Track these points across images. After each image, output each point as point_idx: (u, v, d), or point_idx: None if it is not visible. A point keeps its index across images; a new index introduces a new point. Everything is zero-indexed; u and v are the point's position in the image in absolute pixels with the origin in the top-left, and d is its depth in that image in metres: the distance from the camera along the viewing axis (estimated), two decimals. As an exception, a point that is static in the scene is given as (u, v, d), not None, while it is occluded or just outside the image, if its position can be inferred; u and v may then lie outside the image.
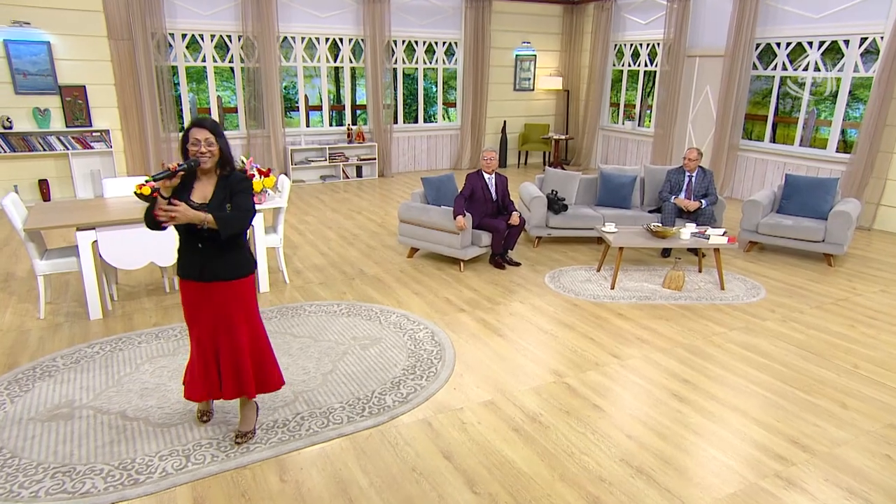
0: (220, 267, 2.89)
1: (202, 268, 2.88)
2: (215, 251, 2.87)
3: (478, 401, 3.51)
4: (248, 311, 3.01)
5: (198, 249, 2.87)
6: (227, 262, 2.90)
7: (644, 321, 4.67)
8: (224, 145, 2.83)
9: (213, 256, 2.87)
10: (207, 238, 2.83)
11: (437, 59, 10.91)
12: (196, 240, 2.85)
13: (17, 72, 7.84)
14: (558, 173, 6.86)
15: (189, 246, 2.88)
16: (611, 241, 5.29)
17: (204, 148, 2.75)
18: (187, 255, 2.90)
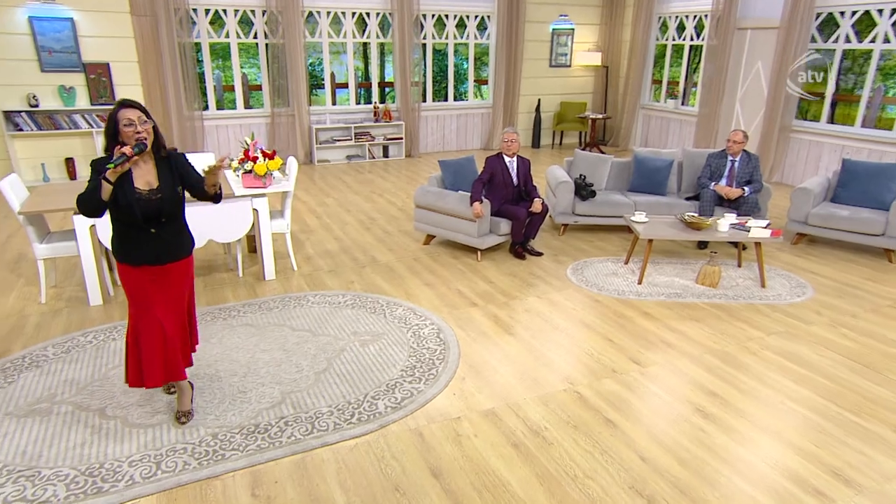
0: (173, 249, 2.91)
1: (158, 252, 2.86)
2: (168, 235, 2.88)
3: (478, 409, 3.21)
4: (190, 287, 3.11)
5: (150, 235, 2.83)
6: (178, 243, 2.94)
7: (672, 322, 4.26)
8: (155, 125, 2.78)
9: (166, 240, 2.87)
10: (163, 223, 2.83)
11: (468, 34, 10.45)
12: (150, 226, 2.81)
13: (42, 49, 7.80)
14: (588, 156, 6.41)
15: (139, 233, 2.81)
16: (639, 231, 4.86)
17: (140, 126, 2.67)
18: (139, 243, 2.82)
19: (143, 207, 2.75)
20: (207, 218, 4.54)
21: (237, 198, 4.59)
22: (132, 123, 2.65)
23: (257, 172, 4.58)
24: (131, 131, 2.65)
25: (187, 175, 2.92)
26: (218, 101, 9.68)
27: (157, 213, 2.79)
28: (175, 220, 2.90)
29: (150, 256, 2.83)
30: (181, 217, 2.96)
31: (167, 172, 2.83)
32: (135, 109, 2.68)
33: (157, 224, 2.81)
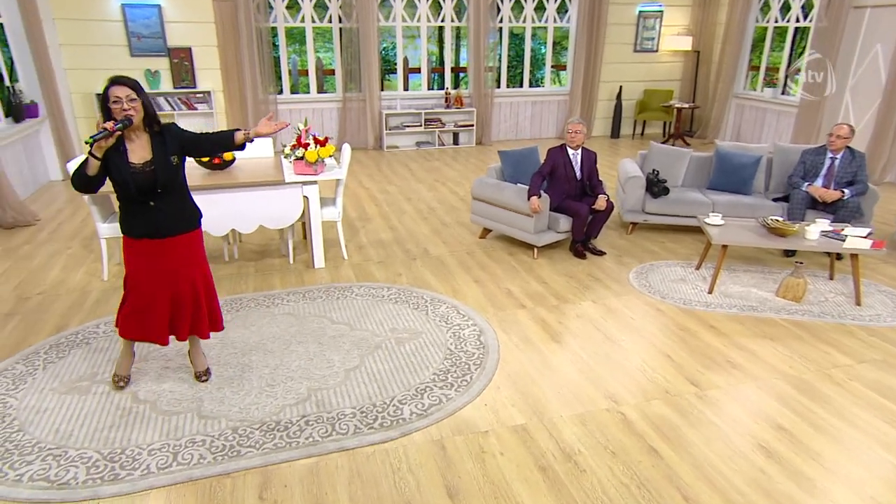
0: (175, 222, 2.98)
1: (157, 226, 2.93)
2: (168, 207, 2.93)
3: (508, 424, 2.98)
4: (201, 259, 3.14)
5: (150, 208, 2.90)
6: (180, 216, 3.00)
7: (741, 339, 3.81)
8: (147, 102, 2.81)
9: (166, 213, 2.93)
10: (160, 195, 2.88)
11: (547, 17, 9.99)
12: (148, 199, 2.87)
13: (132, 35, 8.18)
14: (664, 150, 5.91)
15: (138, 206, 2.89)
16: (712, 235, 4.39)
17: (126, 104, 2.71)
18: (139, 215, 2.91)
19: (138, 180, 2.82)
20: (258, 203, 4.54)
21: (288, 184, 4.55)
22: (119, 101, 2.70)
23: (308, 159, 4.52)
24: (118, 108, 2.70)
25: (185, 140, 2.96)
26: (293, 85, 9.84)
27: (153, 185, 2.85)
28: (173, 192, 2.94)
29: (151, 229, 2.92)
30: (180, 190, 3.00)
31: (161, 146, 2.87)
32: (123, 87, 2.72)
33: (154, 196, 2.88)
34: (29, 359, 3.53)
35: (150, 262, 2.98)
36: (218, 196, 4.42)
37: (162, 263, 2.99)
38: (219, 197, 4.42)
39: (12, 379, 3.34)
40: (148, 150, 2.87)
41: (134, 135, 2.84)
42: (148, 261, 2.98)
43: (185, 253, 3.05)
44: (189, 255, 3.06)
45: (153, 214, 2.91)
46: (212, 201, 4.42)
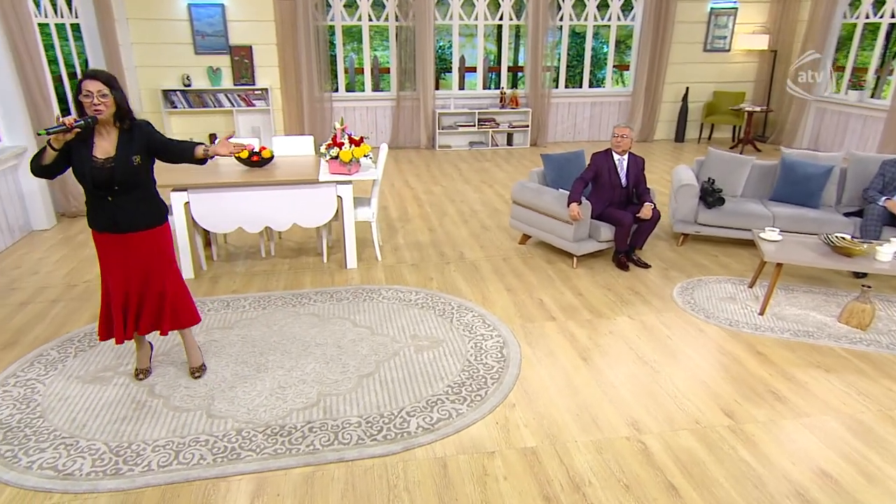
0: (134, 218, 2.96)
1: (116, 220, 2.92)
2: (127, 204, 2.92)
3: (518, 445, 2.81)
4: (165, 256, 3.10)
5: (108, 203, 2.89)
6: (140, 212, 2.97)
7: (792, 368, 3.46)
8: (120, 97, 2.78)
9: (125, 209, 2.92)
10: (117, 191, 2.87)
11: (611, 15, 9.61)
12: (105, 194, 2.87)
13: (197, 33, 8.47)
14: (723, 156, 5.51)
15: (98, 201, 2.89)
16: (765, 252, 4.03)
17: (97, 100, 2.68)
18: (98, 210, 2.92)
19: (96, 175, 2.81)
20: (292, 202, 4.55)
21: (322, 183, 4.53)
22: (90, 95, 2.69)
23: (342, 159, 4.48)
24: (88, 102, 2.69)
25: (153, 143, 2.94)
26: (349, 83, 9.92)
27: (109, 181, 2.83)
28: (133, 189, 2.91)
29: (109, 223, 2.92)
30: (143, 187, 2.96)
31: (126, 144, 2.85)
32: (96, 81, 2.70)
33: (110, 192, 2.86)
34: (63, 345, 3.66)
35: (117, 256, 2.99)
36: (252, 193, 4.46)
37: (126, 258, 3.00)
38: (253, 194, 4.46)
39: (45, 365, 3.46)
40: (113, 146, 2.85)
41: (104, 129, 2.83)
42: (115, 255, 2.99)
43: (143, 248, 3.01)
44: (146, 251, 3.02)
45: (111, 209, 2.90)
46: (246, 198, 4.46)
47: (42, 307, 4.16)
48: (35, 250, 5.21)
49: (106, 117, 2.76)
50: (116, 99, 2.75)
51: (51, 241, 5.45)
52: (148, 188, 3.02)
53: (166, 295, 3.12)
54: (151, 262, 3.05)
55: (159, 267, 3.08)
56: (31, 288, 4.47)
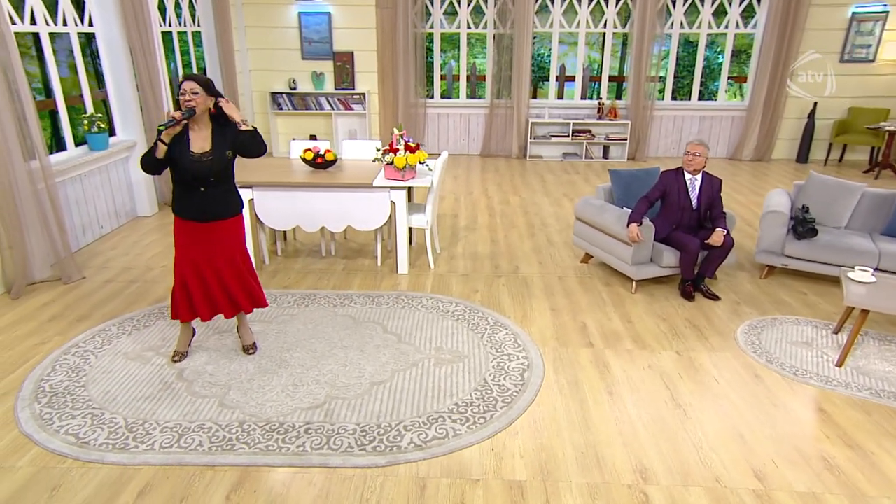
0: (220, 208, 3.27)
1: (204, 209, 3.23)
2: (216, 195, 3.23)
3: (506, 477, 2.65)
4: (240, 243, 3.41)
5: (199, 193, 3.20)
6: (226, 203, 3.28)
7: (859, 434, 2.96)
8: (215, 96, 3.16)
9: (214, 199, 3.23)
10: (212, 183, 3.19)
11: (728, 22, 8.88)
12: (200, 185, 3.17)
13: (304, 40, 8.99)
14: (827, 181, 4.87)
15: (191, 192, 3.20)
16: (848, 294, 3.49)
17: (189, 96, 3.05)
18: (189, 200, 3.21)
19: (195, 168, 3.13)
20: (346, 205, 4.66)
21: (376, 188, 4.60)
22: (185, 93, 3.08)
23: (396, 165, 4.51)
24: (184, 99, 3.07)
25: (236, 140, 3.23)
26: (446, 90, 10.01)
27: (207, 173, 3.16)
28: (223, 182, 3.24)
29: (198, 212, 3.22)
30: (229, 180, 3.30)
31: (221, 139, 3.19)
32: (191, 82, 3.08)
33: (206, 184, 3.18)
34: (123, 323, 4.01)
35: (195, 242, 3.28)
36: (310, 193, 4.62)
37: (205, 245, 3.28)
38: (311, 194, 4.62)
39: (103, 339, 3.81)
40: (209, 141, 3.19)
41: (197, 126, 3.18)
42: (193, 241, 3.28)
43: (226, 236, 3.32)
44: (229, 238, 3.34)
45: (202, 199, 3.21)
46: (304, 198, 4.64)
47: (120, 286, 4.59)
48: (133, 234, 5.78)
49: (199, 113, 3.12)
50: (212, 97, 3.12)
51: (149, 226, 6.02)
52: (232, 181, 3.36)
53: (243, 278, 3.44)
54: (231, 248, 3.36)
55: (235, 251, 3.38)
56: (117, 267, 4.96)
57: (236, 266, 3.39)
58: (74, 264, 4.78)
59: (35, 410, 3.09)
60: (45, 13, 5.02)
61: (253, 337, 3.69)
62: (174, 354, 3.56)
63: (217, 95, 3.17)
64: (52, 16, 5.14)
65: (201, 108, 3.11)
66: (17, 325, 3.98)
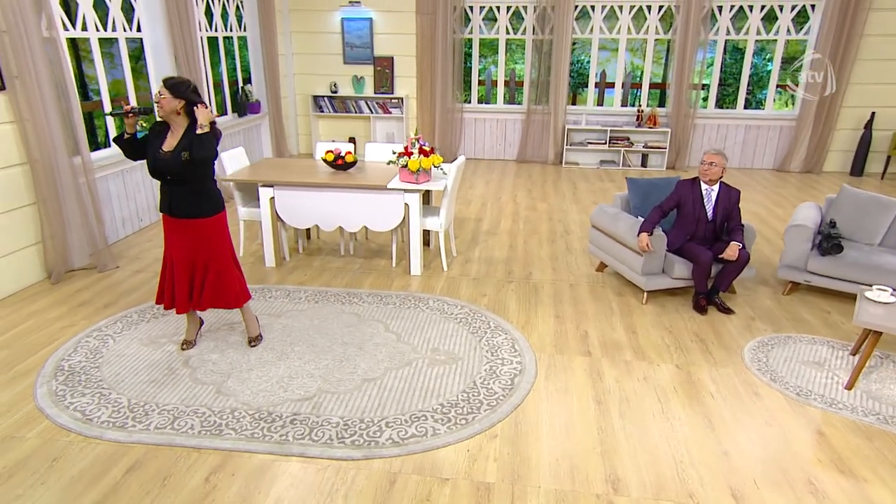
0: (185, 206, 3.37)
1: (171, 206, 3.38)
2: (181, 192, 3.35)
3: (475, 478, 2.67)
4: (217, 243, 3.49)
5: (166, 190, 3.38)
6: (191, 202, 3.37)
7: (855, 460, 2.82)
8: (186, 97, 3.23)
9: (179, 197, 3.36)
10: (171, 181, 3.33)
11: (778, 28, 8.55)
12: (161, 180, 3.36)
13: (347, 45, 9.24)
14: (860, 196, 4.64)
15: (162, 186, 3.39)
16: (860, 313, 3.32)
17: (156, 98, 3.25)
18: (162, 193, 3.41)
19: (157, 164, 3.30)
20: (362, 206, 4.79)
21: (390, 190, 4.70)
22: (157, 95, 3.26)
23: (410, 168, 4.60)
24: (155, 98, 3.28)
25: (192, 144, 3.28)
26: (484, 95, 10.05)
27: (162, 171, 3.30)
28: (185, 181, 3.32)
29: (165, 206, 3.41)
30: (195, 181, 3.35)
31: (185, 140, 3.27)
32: (162, 85, 3.23)
33: (165, 180, 3.34)
34: (144, 311, 4.26)
35: (170, 236, 3.46)
36: (328, 194, 4.77)
37: (180, 240, 3.43)
38: (328, 195, 4.77)
39: (125, 324, 4.06)
40: (177, 142, 3.28)
41: (174, 126, 3.32)
42: (169, 235, 3.46)
43: (199, 236, 3.43)
44: (203, 239, 3.44)
45: (170, 196, 3.37)
46: (322, 198, 4.79)
47: (147, 276, 4.87)
48: (170, 228, 6.09)
49: (165, 114, 3.25)
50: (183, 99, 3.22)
51: (185, 221, 6.32)
52: (201, 182, 3.39)
53: (208, 278, 3.51)
54: (199, 247, 3.45)
55: (205, 253, 3.47)
56: (149, 259, 5.25)
57: (212, 264, 3.48)
58: (110, 254, 5.09)
59: (52, 387, 3.33)
60: (95, 20, 5.38)
61: (258, 329, 3.85)
62: (183, 343, 3.75)
63: (188, 99, 3.23)
64: (102, 22, 5.50)
65: (166, 109, 3.22)
66: (51, 308, 4.29)
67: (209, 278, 3.51)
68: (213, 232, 3.48)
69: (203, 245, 3.46)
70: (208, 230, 3.45)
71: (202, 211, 3.41)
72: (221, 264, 3.54)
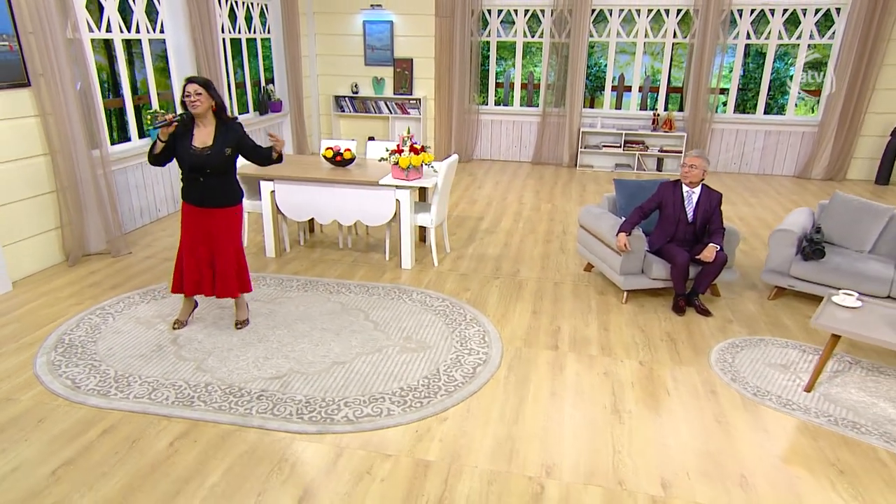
0: (217, 197, 3.67)
1: (202, 197, 3.65)
2: (214, 185, 3.64)
3: (417, 456, 2.82)
4: (233, 232, 3.78)
5: (199, 183, 3.63)
6: (222, 193, 3.67)
7: (795, 460, 2.84)
8: (216, 96, 3.55)
9: (212, 189, 3.64)
10: (209, 174, 3.59)
11: (801, 32, 8.39)
12: (199, 175, 3.60)
13: (368, 47, 9.50)
14: (851, 202, 4.59)
15: (192, 181, 3.64)
16: (818, 317, 3.32)
17: (193, 97, 3.45)
18: (191, 187, 3.66)
19: (193, 160, 3.55)
20: (355, 200, 4.99)
21: (382, 186, 4.89)
22: (189, 94, 3.48)
23: (400, 165, 4.78)
24: (189, 101, 3.48)
25: (243, 145, 3.68)
26: (501, 97, 10.16)
27: (203, 166, 3.56)
28: (220, 175, 3.63)
29: (196, 198, 3.66)
30: (228, 173, 3.68)
31: (222, 136, 3.58)
32: (193, 84, 3.48)
33: (203, 174, 3.59)
34: (146, 293, 4.56)
35: (193, 224, 3.72)
36: (324, 188, 4.99)
37: (203, 228, 3.71)
38: (324, 189, 5.00)
39: (126, 304, 4.37)
40: (211, 137, 3.59)
41: (202, 123, 3.60)
42: (192, 224, 3.72)
43: (221, 223, 3.72)
44: (225, 227, 3.73)
45: (201, 188, 3.64)
46: (319, 192, 5.02)
47: (156, 262, 5.19)
48: (185, 219, 6.44)
49: (202, 112, 3.52)
50: (214, 97, 3.51)
51: (201, 213, 6.67)
52: (231, 174, 3.74)
53: (230, 264, 3.80)
54: (222, 234, 3.75)
55: (228, 239, 3.77)
56: (160, 246, 5.58)
57: (226, 252, 3.75)
58: (124, 241, 5.45)
59: (50, 357, 3.64)
60: (119, 22, 5.76)
61: (246, 314, 4.09)
62: (175, 322, 4.03)
63: (218, 99, 3.56)
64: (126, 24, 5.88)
65: (203, 107, 3.50)
66: (64, 287, 4.64)
67: (232, 263, 3.80)
68: (234, 220, 3.80)
69: (225, 232, 3.75)
70: (233, 217, 3.78)
71: (230, 200, 3.74)
72: (241, 250, 3.89)
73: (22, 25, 4.54)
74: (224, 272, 3.78)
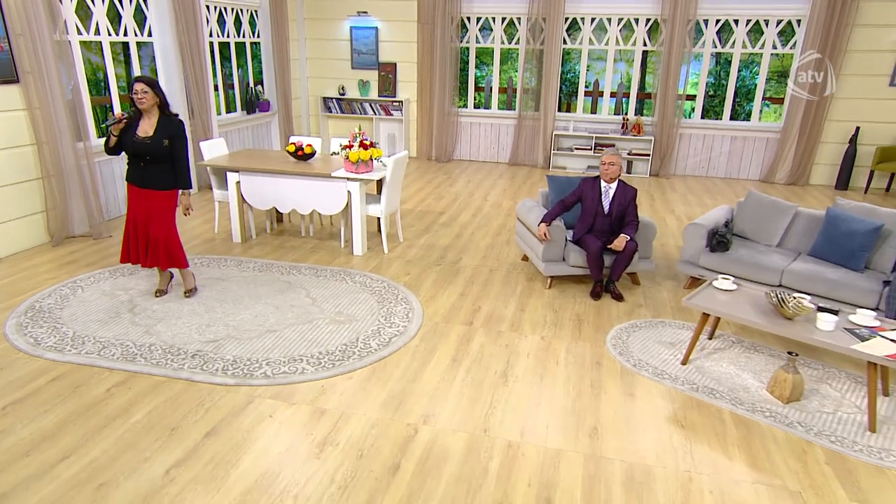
0: (153, 180, 4.18)
1: (142, 179, 4.17)
2: (153, 170, 4.17)
3: (316, 405, 3.25)
4: (165, 211, 4.26)
5: (140, 167, 4.17)
6: (159, 177, 4.18)
7: (644, 415, 3.22)
8: (161, 94, 4.11)
9: (150, 173, 4.16)
10: (149, 160, 4.13)
11: (764, 42, 8.70)
12: (140, 160, 4.15)
13: (354, 51, 10.00)
14: (762, 200, 4.94)
15: (135, 164, 4.18)
16: (693, 298, 3.70)
17: (140, 94, 4.00)
18: (133, 169, 4.19)
19: (135, 148, 4.08)
20: (310, 191, 5.45)
21: (334, 178, 5.34)
22: (136, 92, 4.01)
23: (350, 159, 5.22)
24: (136, 97, 4.01)
25: (173, 139, 4.17)
26: (481, 101, 10.57)
27: (144, 153, 4.09)
28: (158, 161, 4.14)
29: (137, 180, 4.19)
30: (165, 161, 4.17)
31: (163, 129, 4.10)
32: (140, 83, 4.01)
33: (143, 160, 4.12)
34: (115, 271, 5.05)
35: (135, 203, 4.23)
36: (283, 180, 5.46)
37: (142, 207, 4.22)
38: (284, 181, 5.46)
39: (95, 279, 4.86)
40: (153, 129, 4.08)
41: (147, 116, 4.10)
42: (134, 202, 4.23)
43: (156, 204, 4.23)
44: (158, 206, 4.23)
45: (142, 172, 4.17)
46: (279, 183, 5.49)
47: (131, 245, 5.68)
48: (167, 208, 6.95)
49: (147, 107, 4.06)
50: (158, 94, 4.04)
51: (183, 203, 7.18)
52: (167, 163, 4.22)
53: (159, 240, 4.28)
54: (154, 213, 4.25)
55: (159, 217, 4.26)
56: (138, 231, 6.09)
57: (157, 229, 4.23)
58: (105, 226, 5.97)
59: (20, 320, 4.13)
60: (108, 25, 6.30)
61: (193, 283, 4.59)
62: (156, 291, 4.53)
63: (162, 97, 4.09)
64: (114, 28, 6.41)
65: (149, 103, 4.03)
66: (45, 263, 5.16)
67: (160, 242, 4.28)
68: (167, 202, 4.28)
69: (156, 212, 4.25)
70: (167, 200, 4.28)
71: (164, 185, 4.24)
72: (170, 231, 4.33)
73: (11, 28, 5.07)
74: (154, 245, 4.27)
